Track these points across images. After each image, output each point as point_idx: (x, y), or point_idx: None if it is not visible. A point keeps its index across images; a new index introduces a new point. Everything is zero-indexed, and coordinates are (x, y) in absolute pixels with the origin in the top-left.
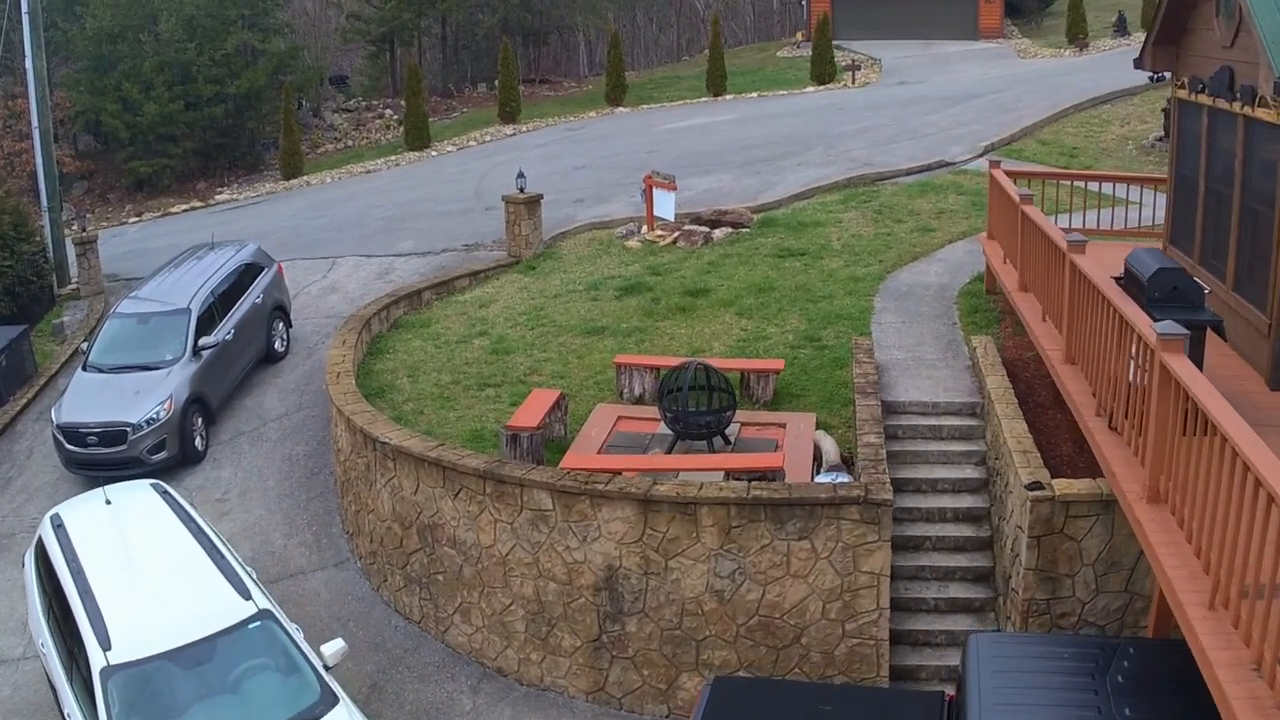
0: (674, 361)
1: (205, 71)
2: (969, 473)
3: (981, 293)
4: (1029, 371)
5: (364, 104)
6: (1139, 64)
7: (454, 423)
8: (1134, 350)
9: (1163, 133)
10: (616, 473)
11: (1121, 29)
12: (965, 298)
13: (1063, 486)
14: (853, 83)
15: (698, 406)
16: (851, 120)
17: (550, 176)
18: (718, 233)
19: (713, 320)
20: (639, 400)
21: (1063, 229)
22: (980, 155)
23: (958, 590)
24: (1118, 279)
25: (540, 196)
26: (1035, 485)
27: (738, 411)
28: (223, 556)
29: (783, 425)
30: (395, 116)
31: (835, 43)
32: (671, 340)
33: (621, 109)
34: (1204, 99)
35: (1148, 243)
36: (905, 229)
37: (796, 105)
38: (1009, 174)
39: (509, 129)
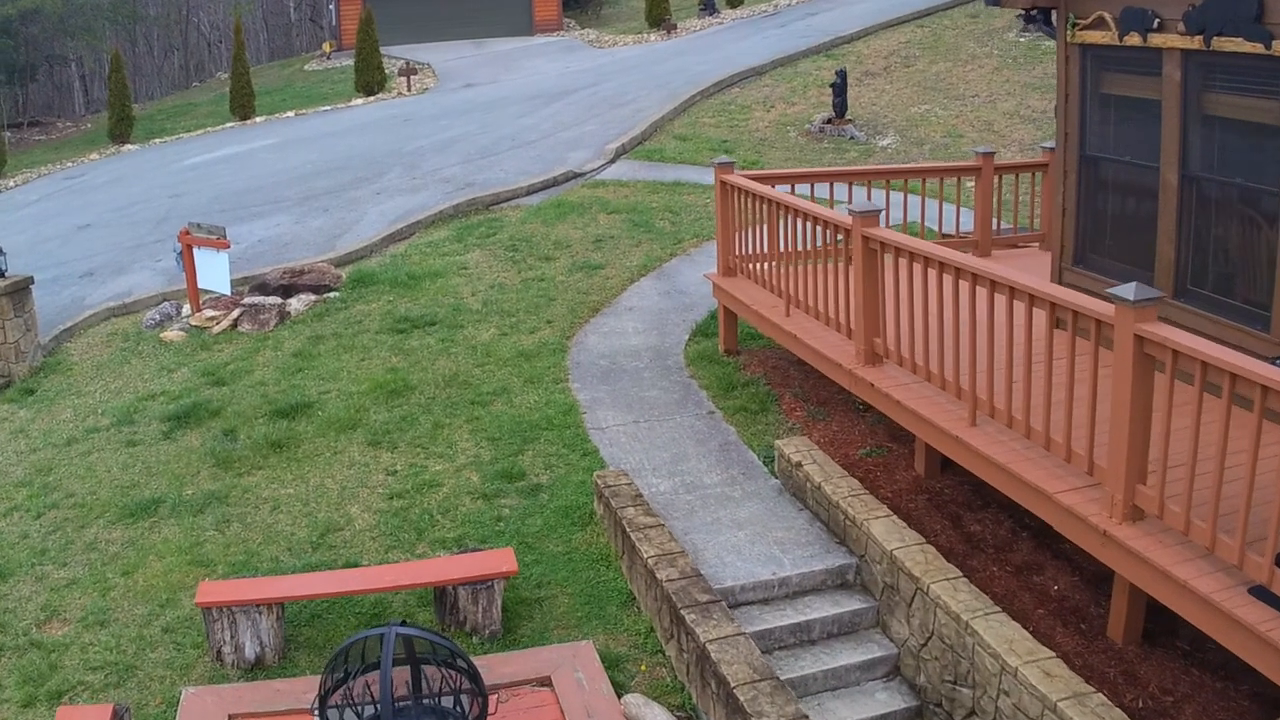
0: (308, 585)
1: None
2: (885, 701)
3: (718, 355)
4: (886, 486)
5: None
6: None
7: None
8: None
9: (833, 113)
10: None
11: (709, 7)
12: (701, 366)
13: None
14: (409, 90)
15: (395, 700)
16: (428, 132)
17: (46, 244)
18: (295, 302)
19: (333, 460)
20: (257, 666)
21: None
22: (614, 160)
23: None
24: None
25: (30, 280)
26: None
27: None
28: None
29: (546, 682)
30: None
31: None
32: (276, 512)
33: (130, 146)
34: (1165, 40)
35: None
36: (560, 269)
37: (350, 120)
38: (755, 179)
39: None
